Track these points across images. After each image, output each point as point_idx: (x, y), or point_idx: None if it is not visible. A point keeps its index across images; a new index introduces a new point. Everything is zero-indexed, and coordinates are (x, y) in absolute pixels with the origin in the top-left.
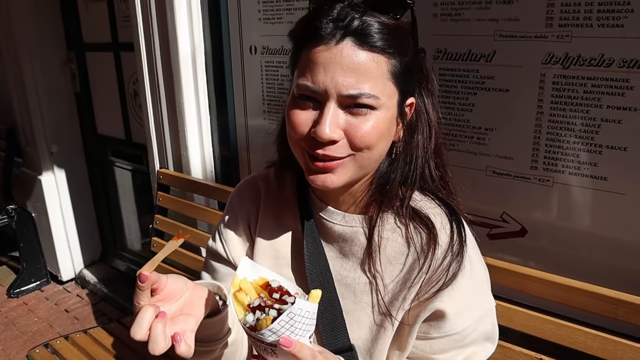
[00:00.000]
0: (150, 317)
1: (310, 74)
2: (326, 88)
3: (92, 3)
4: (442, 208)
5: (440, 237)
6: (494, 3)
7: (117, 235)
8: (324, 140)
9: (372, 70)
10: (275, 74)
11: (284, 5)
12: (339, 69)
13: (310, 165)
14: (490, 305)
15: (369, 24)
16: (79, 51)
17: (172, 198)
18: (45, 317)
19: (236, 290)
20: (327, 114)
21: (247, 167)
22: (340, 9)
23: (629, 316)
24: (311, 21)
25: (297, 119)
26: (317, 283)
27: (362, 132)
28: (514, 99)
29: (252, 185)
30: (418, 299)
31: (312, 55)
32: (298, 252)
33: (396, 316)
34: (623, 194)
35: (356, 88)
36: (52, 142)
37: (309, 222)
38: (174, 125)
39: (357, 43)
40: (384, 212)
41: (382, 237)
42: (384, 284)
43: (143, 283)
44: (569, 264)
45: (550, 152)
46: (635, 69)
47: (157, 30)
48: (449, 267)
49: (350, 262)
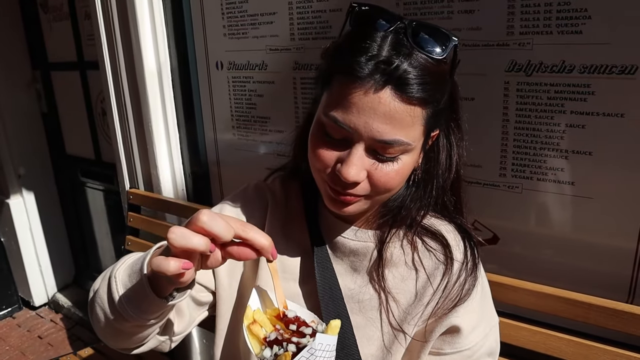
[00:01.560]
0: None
1: (343, 110)
2: (358, 129)
3: (56, 22)
4: (453, 225)
5: (455, 254)
6: (456, 13)
7: (90, 257)
8: (348, 181)
9: (407, 120)
10: (243, 89)
11: (248, 20)
12: (374, 114)
13: (330, 194)
14: (496, 321)
15: (413, 72)
16: (44, 70)
17: (143, 218)
18: (18, 344)
19: (250, 322)
20: (355, 155)
21: (218, 182)
22: (381, 43)
23: (599, 319)
24: (349, 52)
25: (322, 153)
26: (327, 299)
27: (385, 178)
28: (479, 108)
29: (260, 195)
30: (435, 315)
31: (347, 92)
32: (306, 266)
33: (410, 333)
34: (591, 198)
35: (390, 135)
36: (19, 165)
37: (318, 237)
38: (143, 143)
39: (397, 93)
40: (397, 228)
41: (394, 253)
42: (395, 300)
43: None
44: (542, 269)
45: (518, 159)
46: (596, 74)
47: (122, 48)
48: (464, 283)
49: (361, 277)
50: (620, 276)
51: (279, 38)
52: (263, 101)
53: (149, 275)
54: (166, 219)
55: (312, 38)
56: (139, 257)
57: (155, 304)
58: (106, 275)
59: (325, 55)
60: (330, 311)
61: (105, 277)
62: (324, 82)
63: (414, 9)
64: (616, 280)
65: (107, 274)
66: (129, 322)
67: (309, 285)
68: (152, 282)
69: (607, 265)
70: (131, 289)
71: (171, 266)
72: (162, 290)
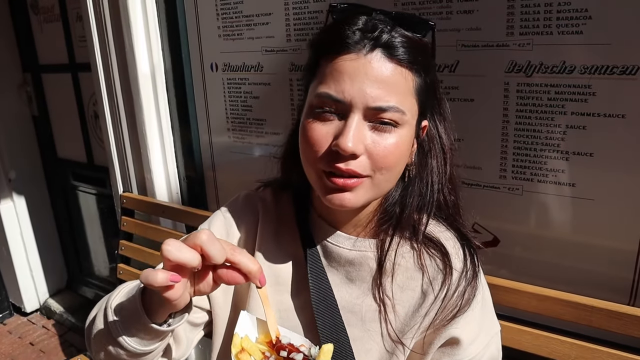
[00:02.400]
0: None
1: (334, 82)
2: (352, 98)
3: (47, 24)
4: (452, 232)
5: (454, 263)
6: (455, 13)
7: (82, 262)
8: (347, 152)
9: (400, 84)
10: (238, 91)
11: (243, 21)
12: (367, 80)
13: (327, 183)
14: (497, 329)
15: (398, 38)
16: (35, 73)
17: (137, 222)
18: (9, 352)
19: (238, 351)
20: (351, 125)
21: (213, 186)
22: (367, 20)
23: (603, 322)
24: (337, 30)
25: (316, 133)
26: (322, 311)
27: (384, 150)
28: (479, 109)
29: (250, 205)
30: (433, 326)
31: (337, 63)
32: (299, 278)
33: (409, 345)
34: (592, 200)
35: (384, 101)
36: (10, 169)
37: (312, 247)
38: (136, 146)
39: (387, 55)
40: (398, 236)
41: (393, 262)
42: (394, 311)
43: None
44: (543, 272)
45: (518, 161)
46: (597, 75)
47: (114, 49)
48: (464, 293)
49: (358, 288)
50: (622, 278)
51: (275, 39)
52: (259, 103)
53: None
54: (160, 223)
55: (309, 39)
56: (134, 286)
57: (152, 331)
58: (102, 307)
59: (312, 44)
60: (325, 323)
61: (102, 308)
62: (310, 72)
63: (412, 9)
64: (618, 282)
65: (102, 305)
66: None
67: (302, 297)
68: (147, 309)
69: (609, 267)
70: (126, 315)
71: (159, 277)
72: (158, 316)
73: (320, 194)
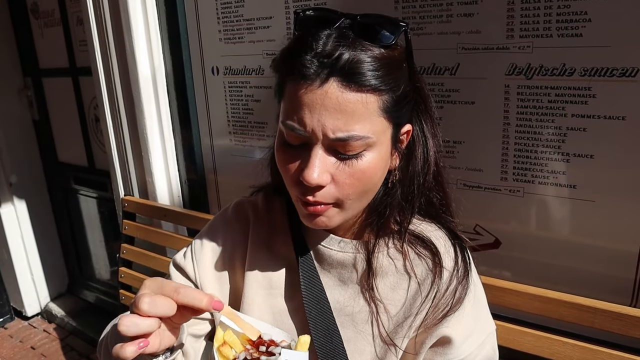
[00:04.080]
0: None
1: (296, 114)
2: (313, 130)
3: (48, 28)
4: (443, 231)
5: (445, 261)
6: (455, 16)
7: (83, 266)
8: (311, 185)
9: (361, 111)
10: (239, 95)
11: (244, 25)
12: (325, 111)
13: (302, 209)
14: (492, 329)
15: (358, 60)
16: (36, 77)
17: (138, 226)
18: (10, 356)
19: (220, 344)
20: (314, 158)
21: (215, 190)
22: (326, 40)
23: (605, 324)
24: (294, 54)
25: (286, 164)
26: (315, 313)
27: (351, 179)
28: (480, 111)
29: (240, 212)
30: (424, 325)
31: (296, 94)
32: (292, 281)
33: (400, 345)
34: (592, 201)
35: (344, 131)
36: (11, 173)
37: (304, 250)
38: (137, 150)
39: (344, 84)
40: (383, 237)
41: (382, 263)
42: (386, 311)
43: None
44: (544, 273)
45: (519, 163)
46: (597, 77)
47: (115, 53)
48: (455, 292)
49: (350, 290)
50: (623, 279)
51: (276, 43)
52: (260, 106)
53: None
54: (162, 226)
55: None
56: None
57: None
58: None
59: (275, 65)
60: (318, 326)
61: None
62: (278, 93)
63: (412, 13)
64: (619, 283)
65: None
66: None
67: (295, 300)
68: None
69: (610, 268)
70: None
71: (128, 352)
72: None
73: (300, 216)
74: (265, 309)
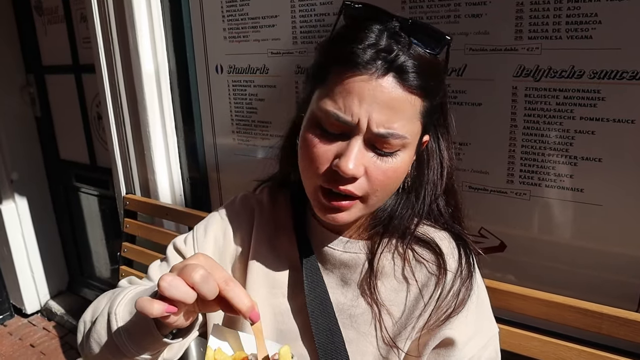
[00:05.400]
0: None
1: (343, 103)
2: (360, 120)
3: (51, 25)
4: (448, 232)
5: (448, 263)
6: (463, 17)
7: (84, 264)
8: (348, 175)
9: (407, 110)
10: (243, 93)
11: (249, 24)
12: (375, 103)
13: (322, 201)
14: (495, 331)
15: (412, 62)
16: (39, 74)
17: (139, 224)
18: (9, 353)
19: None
20: (354, 148)
21: (217, 188)
22: (379, 35)
23: (612, 330)
24: (348, 43)
25: (318, 150)
26: (317, 314)
27: (383, 176)
28: (487, 113)
29: (246, 206)
30: (427, 327)
31: (347, 82)
32: (295, 280)
33: (403, 347)
34: (600, 205)
35: (388, 127)
36: (12, 170)
37: (308, 249)
38: (140, 147)
39: (398, 81)
40: (387, 239)
41: (385, 264)
42: (389, 312)
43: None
44: (550, 277)
45: (526, 166)
46: (606, 80)
47: (119, 50)
48: (458, 293)
49: (352, 291)
50: (630, 285)
51: (281, 42)
52: (264, 105)
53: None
54: (164, 225)
55: (315, 42)
56: (141, 292)
57: (158, 342)
58: (104, 310)
59: (320, 49)
60: (320, 326)
61: (104, 312)
62: (318, 77)
63: (420, 13)
64: (626, 288)
65: (104, 309)
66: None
67: (298, 300)
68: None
69: (616, 273)
70: (134, 325)
71: (155, 309)
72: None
73: (314, 207)
74: (267, 308)
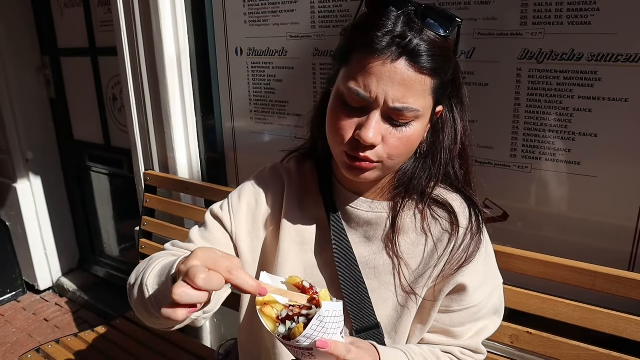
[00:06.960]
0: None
1: (364, 81)
2: (376, 98)
3: (68, 8)
4: (460, 195)
5: (460, 220)
6: (473, 4)
7: (95, 242)
8: (367, 143)
9: (419, 87)
10: (262, 75)
11: (269, 8)
12: (391, 82)
13: (348, 162)
14: (499, 281)
15: (425, 45)
16: (54, 56)
17: (160, 199)
18: (24, 327)
19: (262, 305)
20: (372, 120)
21: (234, 167)
22: (396, 21)
23: (605, 286)
24: (367, 29)
25: (342, 123)
26: (343, 267)
27: (398, 142)
28: (493, 93)
29: (276, 175)
30: (442, 275)
31: (366, 64)
32: (323, 238)
33: (420, 294)
34: (595, 177)
35: (403, 102)
36: (27, 149)
37: (334, 210)
38: (160, 127)
39: (411, 63)
40: (408, 199)
41: (405, 222)
42: (407, 264)
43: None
44: (548, 245)
45: (528, 141)
46: (603, 62)
47: (142, 33)
48: (469, 246)
49: (374, 245)
50: (621, 252)
51: (300, 25)
52: (282, 86)
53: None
54: (181, 199)
55: (333, 26)
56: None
57: None
58: (138, 280)
59: (344, 33)
60: (346, 277)
61: (138, 281)
62: (342, 58)
63: (432, 0)
64: (617, 255)
65: (138, 279)
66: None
67: (325, 255)
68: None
69: (609, 240)
70: (162, 296)
71: (179, 316)
72: None
73: (340, 167)
74: (297, 262)
